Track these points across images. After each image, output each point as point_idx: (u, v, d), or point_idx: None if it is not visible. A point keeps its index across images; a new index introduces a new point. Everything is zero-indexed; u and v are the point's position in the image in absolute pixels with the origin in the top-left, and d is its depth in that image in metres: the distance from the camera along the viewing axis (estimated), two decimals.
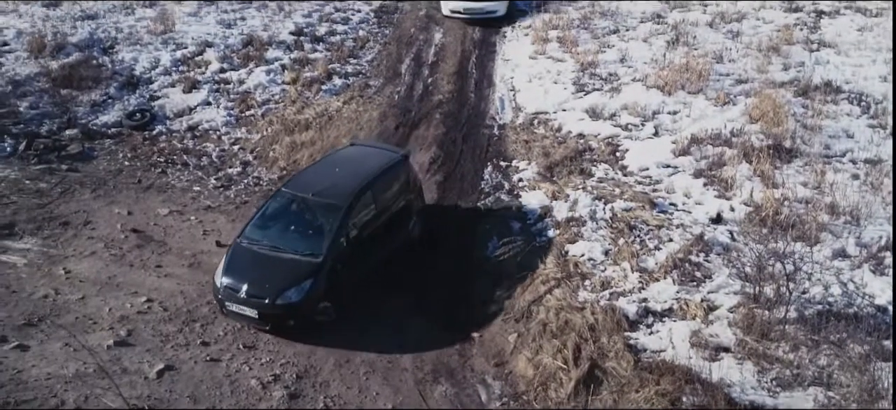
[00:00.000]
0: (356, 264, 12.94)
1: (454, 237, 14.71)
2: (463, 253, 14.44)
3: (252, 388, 11.40)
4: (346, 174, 13.80)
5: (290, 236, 13.09)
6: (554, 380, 11.44)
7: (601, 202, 14.95)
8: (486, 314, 13.08)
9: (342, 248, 12.79)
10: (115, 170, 17.21)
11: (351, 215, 13.01)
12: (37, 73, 19.86)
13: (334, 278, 12.64)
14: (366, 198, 13.34)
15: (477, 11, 23.01)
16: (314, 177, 14.16)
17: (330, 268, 12.58)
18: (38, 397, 10.91)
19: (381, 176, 13.79)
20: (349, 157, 14.70)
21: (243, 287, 12.40)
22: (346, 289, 12.80)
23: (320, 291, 12.50)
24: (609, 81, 19.35)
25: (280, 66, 20.87)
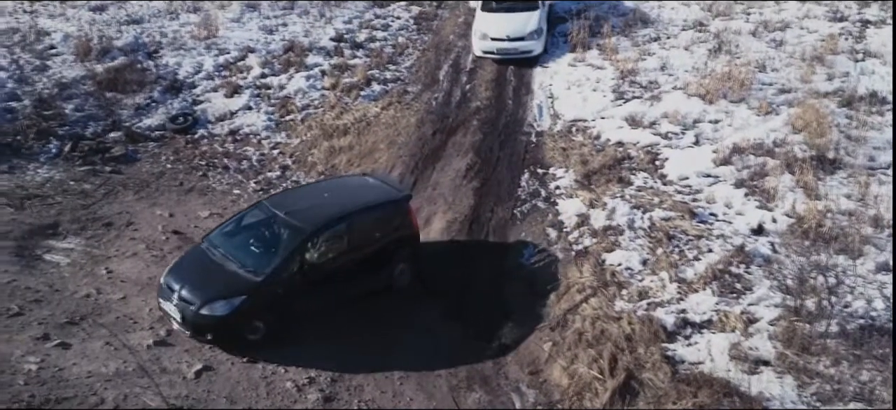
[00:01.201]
0: (310, 293, 12.54)
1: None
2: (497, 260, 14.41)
3: (287, 390, 11.49)
4: (329, 202, 13.63)
5: (246, 249, 12.86)
6: (589, 390, 11.37)
7: (640, 211, 14.81)
8: (521, 322, 13.03)
9: (293, 273, 12.44)
10: (157, 172, 17.49)
11: (313, 243, 12.66)
12: (83, 76, 20.28)
13: (274, 301, 12.31)
14: (338, 229, 12.93)
15: (510, 51, 21.07)
16: (299, 198, 14.24)
17: (270, 290, 12.27)
18: (78, 394, 11.10)
19: (364, 212, 13.39)
20: (345, 186, 14.72)
21: (178, 288, 12.38)
22: (291, 316, 12.47)
23: (252, 310, 12.21)
24: (649, 89, 19.17)
25: (320, 72, 21.04)
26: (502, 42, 20.97)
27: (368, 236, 13.40)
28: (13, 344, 11.93)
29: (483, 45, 21.21)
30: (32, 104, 19.10)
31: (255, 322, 12.31)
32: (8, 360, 11.54)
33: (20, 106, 19.01)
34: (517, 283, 13.86)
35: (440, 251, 14.70)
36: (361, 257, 13.20)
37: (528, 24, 21.11)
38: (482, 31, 21.22)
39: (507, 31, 21.02)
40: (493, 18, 21.50)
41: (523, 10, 21.57)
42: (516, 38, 20.98)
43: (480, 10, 21.99)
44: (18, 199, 15.93)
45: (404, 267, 13.82)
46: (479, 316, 13.27)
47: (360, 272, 13.19)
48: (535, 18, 21.32)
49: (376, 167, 17.11)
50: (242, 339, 12.20)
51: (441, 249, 14.75)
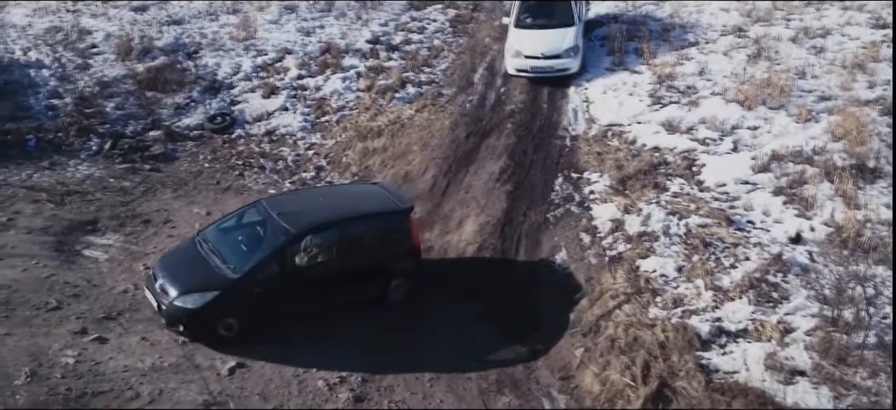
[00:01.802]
0: (293, 296, 12.53)
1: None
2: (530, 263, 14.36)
3: (319, 389, 11.56)
4: (324, 207, 13.62)
5: (232, 246, 12.94)
6: (621, 397, 11.29)
7: (675, 217, 14.65)
8: (552, 326, 12.97)
9: (275, 274, 12.45)
10: (195, 171, 17.72)
11: (298, 245, 12.58)
12: (123, 75, 20.62)
13: (250, 299, 12.34)
14: (327, 234, 12.83)
15: (546, 70, 19.92)
16: (298, 200, 14.34)
17: (245, 289, 12.29)
18: (114, 388, 11.28)
19: (357, 220, 13.30)
20: (348, 193, 14.72)
21: (160, 277, 12.60)
22: (269, 316, 12.49)
23: (226, 307, 12.28)
24: (687, 94, 18.97)
25: (356, 74, 21.16)
26: (537, 60, 19.98)
27: (361, 245, 13.29)
28: (51, 338, 12.15)
29: (516, 63, 20.17)
30: (74, 102, 19.48)
31: (229, 319, 12.36)
32: (46, 354, 11.77)
33: (62, 103, 19.40)
34: (549, 288, 13.79)
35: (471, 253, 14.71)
36: (352, 265, 13.03)
37: (565, 41, 20.11)
38: (515, 48, 20.22)
39: (542, 48, 20.04)
40: (526, 35, 20.48)
41: (558, 26, 20.54)
42: (551, 55, 19.99)
43: (513, 26, 20.95)
44: (59, 195, 16.24)
45: (401, 281, 13.55)
46: (511, 320, 13.23)
47: (350, 280, 13.00)
48: (572, 35, 20.27)
49: (410, 169, 17.17)
50: (215, 335, 12.27)
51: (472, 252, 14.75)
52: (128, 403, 11.03)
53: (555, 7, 21.06)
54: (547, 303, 13.50)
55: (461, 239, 15.03)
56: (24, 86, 19.82)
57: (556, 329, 12.93)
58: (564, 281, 13.86)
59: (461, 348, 12.60)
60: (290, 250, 12.62)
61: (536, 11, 21.12)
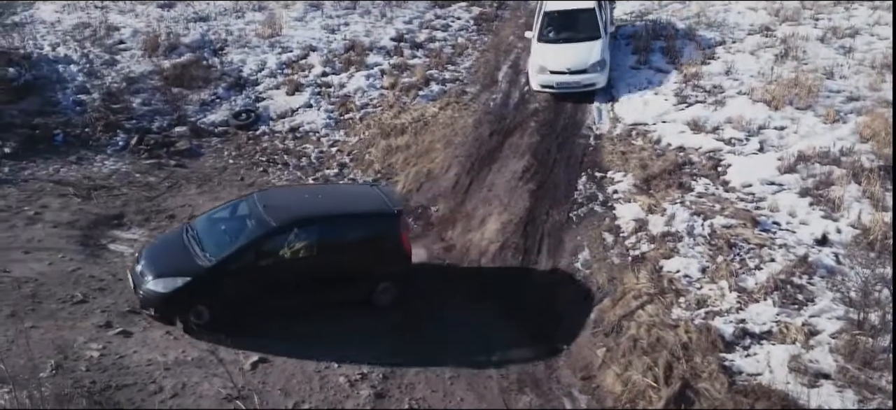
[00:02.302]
0: (267, 289, 12.51)
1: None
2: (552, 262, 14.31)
3: (340, 385, 11.60)
4: (310, 203, 13.61)
5: (213, 236, 13.02)
6: (643, 398, 11.22)
7: (700, 217, 14.53)
8: (574, 326, 12.92)
9: (249, 266, 12.44)
10: (220, 167, 17.86)
11: (274, 239, 12.61)
12: (150, 72, 20.83)
13: (221, 289, 12.40)
14: (308, 231, 12.75)
15: (572, 85, 19.08)
16: (289, 196, 14.45)
17: (217, 277, 12.36)
18: (138, 382, 11.39)
19: (341, 219, 13.26)
20: (340, 193, 14.75)
21: (143, 261, 12.82)
22: (240, 307, 12.51)
23: (196, 294, 12.39)
24: (713, 94, 18.80)
25: (380, 71, 21.20)
26: (562, 75, 19.12)
27: (344, 244, 13.12)
28: (76, 331, 12.30)
29: (541, 79, 19.33)
30: (101, 97, 19.71)
31: (199, 306, 12.47)
32: (71, 346, 11.91)
33: (89, 99, 19.63)
34: (571, 287, 13.73)
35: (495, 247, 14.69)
36: (336, 265, 12.89)
37: (591, 56, 19.23)
38: (540, 63, 19.36)
39: (568, 63, 19.15)
40: (551, 50, 19.60)
41: (584, 40, 19.64)
42: (578, 70, 19.12)
43: (537, 40, 20.03)
44: (85, 190, 16.44)
45: (388, 285, 13.36)
46: (533, 319, 13.20)
47: (333, 280, 12.88)
48: (598, 48, 19.40)
49: (433, 167, 17.17)
50: (187, 322, 12.40)
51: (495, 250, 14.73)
52: (151, 396, 11.13)
53: (579, 19, 20.18)
54: (569, 302, 13.44)
55: (483, 238, 15.01)
56: (53, 81, 20.09)
57: (577, 328, 12.87)
58: (586, 280, 13.79)
59: (482, 346, 12.59)
60: (268, 243, 12.63)
61: (561, 25, 20.24)
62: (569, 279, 13.95)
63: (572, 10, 20.25)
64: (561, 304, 13.47)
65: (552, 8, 20.41)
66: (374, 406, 11.27)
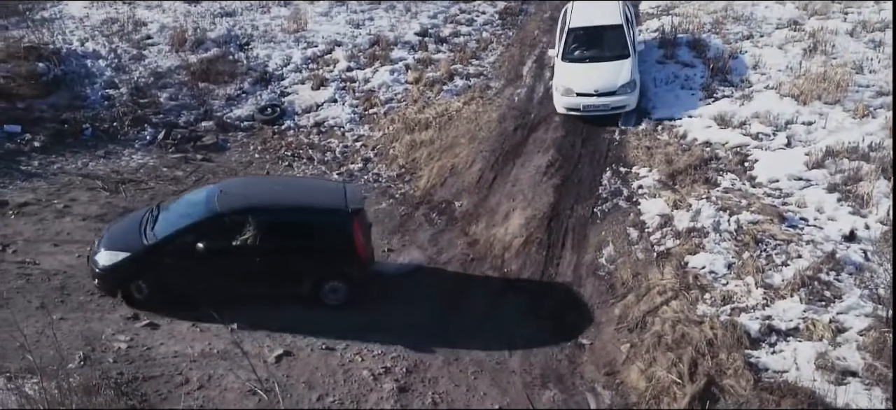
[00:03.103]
0: (208, 272, 12.68)
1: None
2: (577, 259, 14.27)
3: (364, 379, 11.65)
4: (265, 194, 13.65)
5: (168, 216, 13.31)
6: (667, 394, 11.17)
7: (726, 213, 14.41)
8: (598, 321, 12.88)
9: (188, 247, 12.59)
10: (245, 161, 17.99)
11: (215, 225, 12.71)
12: (177, 66, 21.01)
13: (159, 267, 12.73)
14: (249, 220, 12.63)
15: (600, 108, 17.70)
16: (250, 185, 14.66)
17: (154, 256, 12.69)
18: (165, 373, 11.54)
19: (286, 211, 13.11)
20: (302, 186, 14.74)
21: (103, 234, 13.57)
22: (178, 287, 12.82)
23: (134, 270, 12.78)
24: (740, 88, 18.62)
25: (404, 66, 21.22)
26: (589, 97, 17.72)
27: (288, 237, 12.93)
28: (104, 323, 12.48)
29: (566, 102, 17.89)
30: (129, 92, 19.92)
31: (138, 281, 12.87)
32: (99, 338, 12.09)
33: (117, 94, 19.85)
34: (596, 281, 13.68)
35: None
36: (278, 257, 12.79)
37: (620, 76, 17.85)
38: (565, 85, 17.92)
39: (595, 84, 17.75)
40: (576, 71, 18.18)
41: (612, 59, 18.28)
42: (606, 92, 17.74)
43: (560, 59, 18.60)
44: (114, 184, 16.64)
45: (338, 284, 13.18)
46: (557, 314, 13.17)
47: (275, 271, 12.85)
48: (628, 68, 18.00)
49: (456, 162, 17.16)
50: (128, 295, 12.89)
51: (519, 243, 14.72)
52: (177, 388, 11.28)
53: (606, 37, 18.78)
54: (592, 298, 13.39)
55: (507, 233, 14.99)
56: (81, 76, 20.33)
57: (602, 324, 12.83)
58: (610, 276, 13.73)
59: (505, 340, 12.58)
60: (209, 227, 12.74)
61: (586, 43, 18.81)
62: (593, 274, 13.90)
63: (599, 27, 18.89)
64: (585, 299, 13.41)
65: (577, 25, 19.01)
66: (398, 400, 11.31)
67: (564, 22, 19.38)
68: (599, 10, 19.41)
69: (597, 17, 19.11)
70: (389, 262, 14.57)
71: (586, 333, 12.75)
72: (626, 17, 19.16)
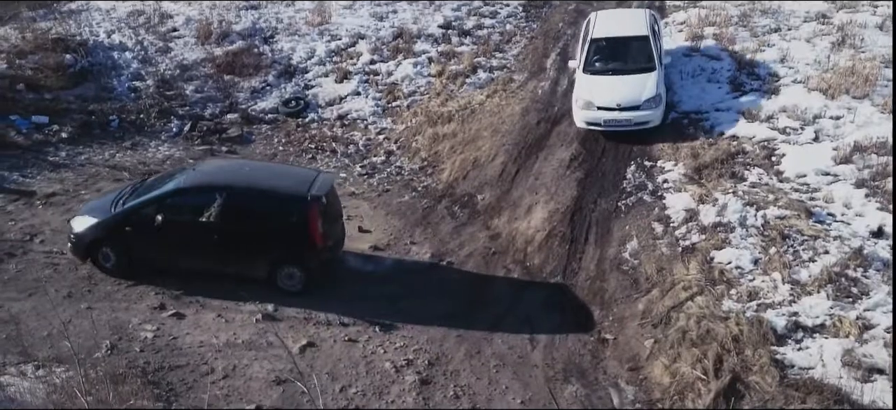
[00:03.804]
0: (166, 245, 13.21)
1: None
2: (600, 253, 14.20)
3: (386, 371, 11.69)
4: (233, 176, 13.80)
5: (142, 191, 13.91)
6: (692, 390, 11.09)
7: (753, 208, 14.27)
8: (621, 316, 12.82)
9: (148, 220, 13.09)
10: (269, 154, 18.08)
11: (177, 200, 13.29)
12: (203, 59, 21.15)
13: (121, 237, 13.34)
14: (210, 198, 13.01)
15: (623, 123, 16.67)
16: (223, 166, 15.12)
17: (119, 225, 13.30)
18: (190, 362, 11.65)
19: (245, 192, 13.25)
20: (271, 171, 14.87)
21: (83, 206, 14.54)
22: (142, 257, 13.41)
23: (101, 237, 13.41)
24: (767, 82, 18.41)
25: (427, 59, 21.22)
26: (611, 112, 16.72)
27: (246, 219, 13.18)
28: (131, 312, 12.62)
29: (586, 116, 16.89)
30: (155, 84, 20.11)
31: (105, 249, 13.47)
32: (126, 327, 12.23)
33: (144, 86, 20.04)
34: (620, 275, 13.61)
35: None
36: (236, 237, 13.07)
37: (645, 90, 16.81)
38: (585, 98, 16.92)
39: (618, 98, 16.74)
40: (598, 83, 17.18)
41: (636, 71, 17.30)
42: (629, 106, 16.69)
43: (581, 71, 17.60)
44: (140, 175, 16.78)
45: (294, 271, 13.29)
46: (580, 308, 13.12)
47: (232, 251, 13.13)
48: (653, 82, 16.97)
49: (479, 155, 17.14)
50: (97, 261, 13.58)
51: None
52: (203, 377, 11.39)
53: (631, 48, 17.86)
54: (616, 292, 13.33)
55: (529, 226, 14.95)
56: (108, 68, 20.54)
57: (626, 319, 12.77)
58: (635, 270, 13.66)
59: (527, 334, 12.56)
60: (171, 201, 13.27)
61: (609, 54, 17.85)
62: (617, 268, 13.83)
63: (623, 38, 17.94)
64: (608, 294, 13.35)
65: (600, 35, 18.01)
66: (420, 392, 11.33)
67: (587, 32, 18.42)
68: (624, 20, 18.77)
69: (621, 27, 18.27)
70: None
71: (609, 328, 12.69)
72: (653, 28, 18.21)
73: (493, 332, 12.59)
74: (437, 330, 12.59)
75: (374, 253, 14.61)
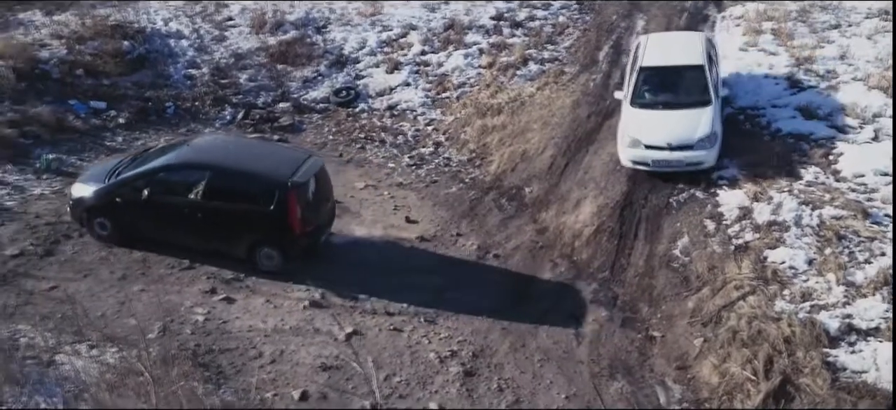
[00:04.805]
0: (151, 218, 13.66)
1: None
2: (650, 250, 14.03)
3: (430, 361, 11.73)
4: (221, 156, 14.09)
5: (137, 163, 14.28)
6: (741, 391, 10.92)
7: (808, 207, 13.95)
8: (670, 314, 12.64)
9: (137, 192, 13.52)
10: (320, 143, 18.25)
11: (165, 176, 13.66)
12: (257, 48, 21.43)
13: (113, 207, 13.78)
14: (195, 176, 13.47)
15: (673, 164, 15.13)
16: (218, 145, 15.31)
17: (108, 196, 13.75)
18: (239, 346, 11.84)
19: (228, 173, 13.55)
20: (260, 152, 14.93)
21: (85, 171, 15.30)
22: (131, 228, 13.91)
23: (95, 205, 13.88)
24: (826, 79, 17.95)
25: (478, 50, 21.17)
26: (661, 151, 15.14)
27: (227, 198, 13.46)
28: (183, 296, 12.86)
29: (633, 155, 15.31)
30: (210, 72, 20.44)
31: (101, 217, 13.97)
32: (177, 310, 12.47)
33: (199, 74, 20.38)
34: (669, 273, 13.43)
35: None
36: (217, 215, 13.41)
37: (699, 127, 15.10)
38: (632, 135, 15.33)
39: (669, 136, 15.09)
40: (647, 118, 15.55)
41: (690, 106, 15.55)
42: (681, 146, 15.05)
43: (629, 103, 15.93)
44: None
45: (272, 252, 13.50)
46: (627, 305, 12.99)
47: (213, 228, 13.48)
48: (708, 118, 15.22)
49: (527, 148, 17.05)
50: (93, 230, 14.10)
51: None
52: (251, 361, 11.56)
53: (685, 79, 16.11)
54: (665, 290, 13.15)
55: (577, 221, 14.83)
56: (165, 55, 20.93)
57: (673, 316, 12.59)
58: (685, 267, 13.45)
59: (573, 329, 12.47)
60: (159, 177, 13.66)
61: (660, 85, 16.17)
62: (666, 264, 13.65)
63: (676, 67, 16.22)
64: (657, 291, 13.19)
65: (650, 63, 16.27)
66: (463, 383, 11.34)
67: (635, 59, 16.70)
68: (677, 46, 17.01)
69: (674, 55, 16.52)
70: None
71: (657, 325, 12.53)
72: (709, 56, 16.44)
73: (538, 326, 12.53)
74: (482, 321, 12.58)
75: (420, 243, 14.64)
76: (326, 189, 14.36)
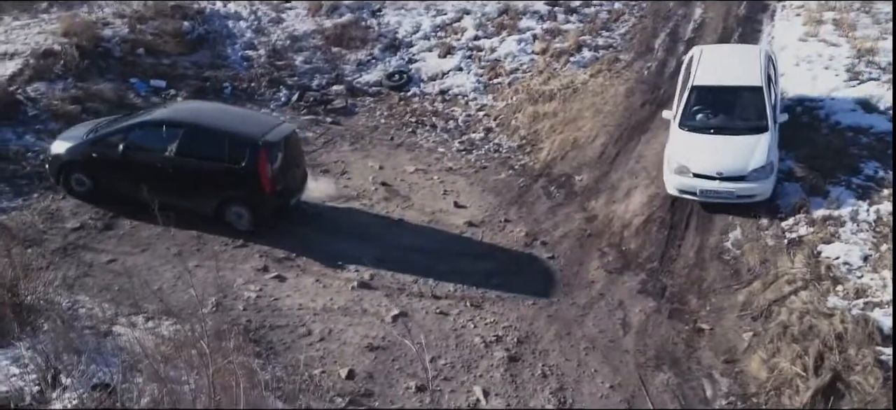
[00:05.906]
0: (126, 174, 13.88)
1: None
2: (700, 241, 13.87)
3: (475, 345, 11.81)
4: (197, 116, 14.33)
5: (119, 121, 14.65)
6: (789, 387, 10.77)
7: (866, 203, 13.66)
8: (719, 306, 12.51)
9: (112, 149, 13.89)
10: (372, 126, 18.42)
11: (140, 133, 13.97)
12: (313, 31, 21.66)
13: (90, 164, 14.15)
14: (169, 133, 13.75)
15: (723, 195, 14.07)
16: (197, 107, 15.58)
17: (85, 152, 14.10)
18: (289, 324, 12.08)
19: (202, 131, 13.85)
20: (235, 115, 15.22)
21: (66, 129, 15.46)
22: (109, 185, 14.26)
23: (73, 162, 14.22)
24: (888, 71, 17.46)
25: (531, 36, 21.08)
26: (711, 181, 14.06)
27: (200, 156, 13.75)
28: (236, 273, 13.15)
29: (679, 182, 14.28)
30: (267, 54, 20.73)
31: (78, 174, 14.33)
32: (231, 287, 12.76)
33: (256, 55, 20.69)
34: (720, 265, 13.27)
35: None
36: (190, 173, 13.75)
37: (753, 157, 14.00)
38: (680, 161, 14.27)
39: (719, 165, 14.03)
40: (697, 143, 14.43)
41: (745, 132, 14.45)
42: (733, 176, 14.01)
43: (678, 126, 14.78)
44: None
45: (242, 211, 13.95)
46: (676, 296, 12.89)
47: (186, 185, 13.81)
48: (764, 146, 14.08)
49: (579, 136, 16.96)
50: (69, 187, 14.47)
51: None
52: (300, 339, 11.79)
53: (740, 101, 14.90)
54: (715, 282, 13.01)
55: (627, 210, 14.74)
56: (223, 36, 21.29)
57: (723, 309, 12.46)
58: (736, 260, 13.28)
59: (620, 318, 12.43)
60: (135, 134, 14.00)
61: (713, 107, 14.90)
62: (717, 256, 13.49)
63: (732, 88, 14.97)
64: (707, 283, 13.05)
65: (703, 82, 14.99)
66: (508, 369, 11.41)
67: (687, 75, 15.46)
68: (735, 63, 15.76)
69: (730, 73, 15.28)
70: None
71: (706, 318, 12.40)
72: (768, 75, 15.05)
73: (584, 314, 12.52)
74: (528, 308, 12.62)
75: (468, 229, 14.71)
76: (297, 154, 14.82)
